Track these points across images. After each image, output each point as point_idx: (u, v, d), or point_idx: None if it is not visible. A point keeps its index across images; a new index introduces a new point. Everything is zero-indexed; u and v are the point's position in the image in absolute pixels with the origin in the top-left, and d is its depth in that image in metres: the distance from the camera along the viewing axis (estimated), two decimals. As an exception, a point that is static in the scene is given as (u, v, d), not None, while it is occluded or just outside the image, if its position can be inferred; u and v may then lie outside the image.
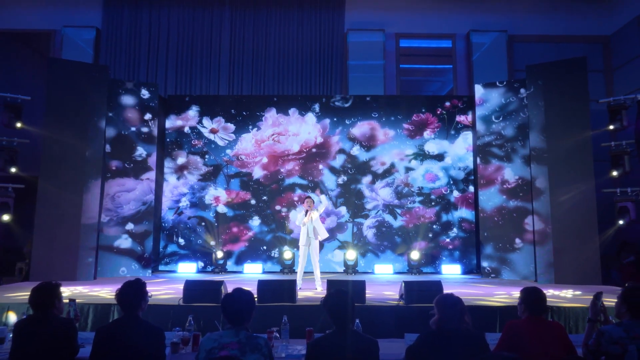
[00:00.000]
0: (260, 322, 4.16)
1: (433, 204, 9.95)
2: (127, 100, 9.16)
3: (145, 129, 9.23)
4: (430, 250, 9.83)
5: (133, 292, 2.94)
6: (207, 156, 10.15)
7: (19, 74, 10.41)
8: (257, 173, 10.09)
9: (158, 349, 2.87)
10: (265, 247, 9.94)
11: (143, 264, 8.91)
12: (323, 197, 7.57)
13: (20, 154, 8.39)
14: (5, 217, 8.14)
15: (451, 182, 10.00)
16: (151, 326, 2.93)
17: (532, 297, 3.07)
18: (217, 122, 10.21)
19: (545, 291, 3.21)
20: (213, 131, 10.21)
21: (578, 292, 6.71)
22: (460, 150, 10.07)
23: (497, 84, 9.34)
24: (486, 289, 7.21)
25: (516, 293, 6.40)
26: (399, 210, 9.97)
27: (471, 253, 9.83)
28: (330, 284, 5.66)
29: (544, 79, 8.44)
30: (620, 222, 8.30)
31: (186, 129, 10.20)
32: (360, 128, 10.18)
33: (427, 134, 10.12)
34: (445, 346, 2.65)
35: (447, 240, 9.89)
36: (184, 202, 10.03)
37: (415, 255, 9.47)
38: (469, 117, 10.09)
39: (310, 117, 10.21)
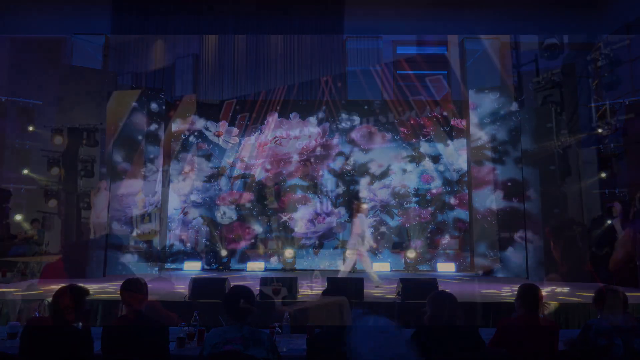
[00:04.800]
0: (262, 318, 4.25)
1: (428, 204, 10.28)
2: (135, 105, 9.46)
3: (152, 133, 9.54)
4: (426, 249, 10.11)
5: (134, 289, 3.07)
6: (211, 158, 10.47)
7: (31, 79, 10.60)
8: (260, 175, 10.41)
9: (161, 344, 2.95)
10: (267, 246, 10.24)
11: (150, 262, 9.20)
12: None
13: (31, 156, 8.67)
14: (18, 217, 8.45)
15: (446, 184, 10.31)
16: (155, 322, 3.03)
17: (529, 294, 3.11)
18: (221, 125, 10.54)
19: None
20: (217, 134, 10.54)
21: (567, 289, 6.97)
22: (454, 152, 10.38)
23: (490, 89, 9.65)
24: (479, 285, 7.47)
25: (507, 290, 6.75)
26: (395, 211, 10.27)
27: (465, 252, 10.10)
28: (330, 281, 5.80)
29: (535, 84, 8.73)
30: (609, 221, 8.54)
31: (192, 132, 10.51)
32: (359, 131, 10.50)
33: (422, 137, 10.45)
34: (438, 341, 2.71)
35: (442, 239, 10.21)
36: (189, 203, 10.33)
37: (411, 253, 9.76)
38: (463, 121, 10.41)
39: (311, 121, 10.54)
